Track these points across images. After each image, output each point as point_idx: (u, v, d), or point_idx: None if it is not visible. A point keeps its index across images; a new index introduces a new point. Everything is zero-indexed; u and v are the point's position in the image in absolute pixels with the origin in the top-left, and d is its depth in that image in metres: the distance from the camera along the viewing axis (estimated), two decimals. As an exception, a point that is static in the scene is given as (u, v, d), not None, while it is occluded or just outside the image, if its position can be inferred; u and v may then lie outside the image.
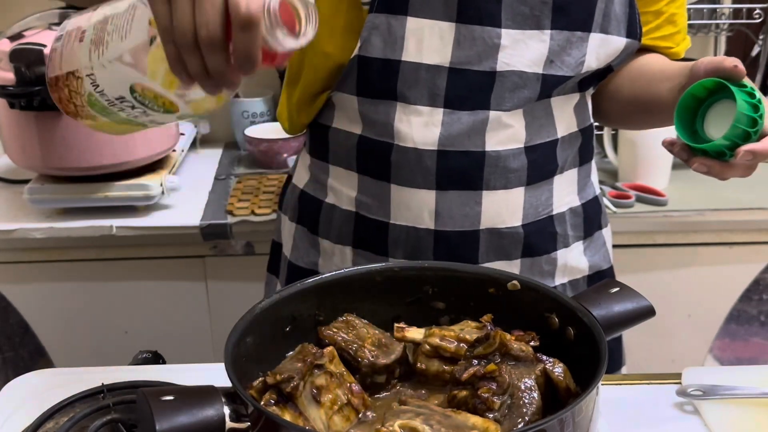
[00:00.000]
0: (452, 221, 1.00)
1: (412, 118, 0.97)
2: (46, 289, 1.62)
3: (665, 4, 1.06)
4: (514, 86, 0.97)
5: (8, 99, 1.47)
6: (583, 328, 0.73)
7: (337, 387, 0.71)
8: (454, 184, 0.99)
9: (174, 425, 0.59)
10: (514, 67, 0.96)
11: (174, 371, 0.96)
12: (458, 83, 0.96)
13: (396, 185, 1.00)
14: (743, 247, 1.68)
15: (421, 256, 1.01)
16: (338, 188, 1.06)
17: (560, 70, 0.98)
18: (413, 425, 0.63)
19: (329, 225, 1.07)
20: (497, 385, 0.69)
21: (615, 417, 0.88)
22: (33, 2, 1.63)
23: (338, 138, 1.04)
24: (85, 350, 1.66)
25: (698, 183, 1.76)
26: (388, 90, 0.98)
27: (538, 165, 1.02)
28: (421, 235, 1.01)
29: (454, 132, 0.97)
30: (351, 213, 1.05)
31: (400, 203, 1.01)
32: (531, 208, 1.03)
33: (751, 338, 1.78)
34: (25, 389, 0.95)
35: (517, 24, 0.95)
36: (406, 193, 1.00)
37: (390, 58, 0.96)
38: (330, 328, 0.78)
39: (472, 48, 0.95)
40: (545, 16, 0.95)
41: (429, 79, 0.96)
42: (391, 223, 1.02)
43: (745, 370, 1.04)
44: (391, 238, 1.02)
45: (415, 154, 0.98)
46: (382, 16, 0.95)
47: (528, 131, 1.00)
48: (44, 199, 1.57)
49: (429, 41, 0.95)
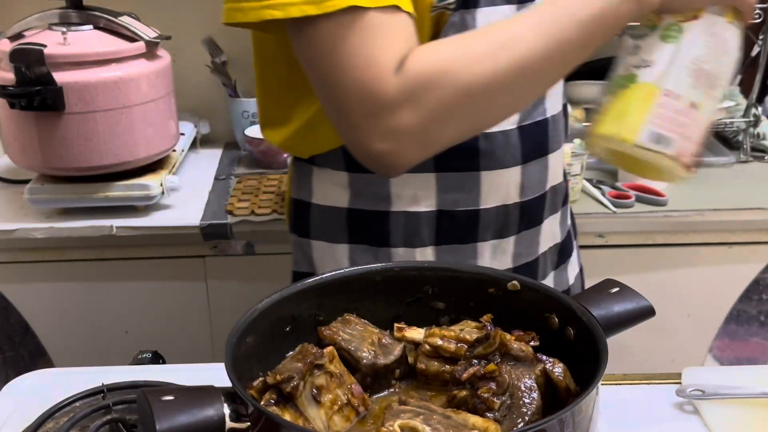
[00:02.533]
0: (532, 190, 1.07)
1: None
2: (46, 289, 1.62)
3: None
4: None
5: (8, 99, 1.47)
6: (583, 328, 0.73)
7: (337, 387, 0.71)
8: (534, 154, 1.06)
9: (174, 425, 0.59)
10: None
11: (174, 371, 0.96)
12: None
13: (486, 171, 1.04)
14: (743, 247, 1.68)
15: (507, 232, 1.08)
16: (409, 194, 1.04)
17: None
18: (413, 425, 0.63)
19: (404, 232, 1.06)
20: (497, 385, 0.69)
21: (615, 417, 0.88)
22: (33, 2, 1.63)
23: None
24: (85, 350, 1.66)
25: (698, 183, 1.76)
26: None
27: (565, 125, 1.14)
28: (510, 211, 1.07)
29: (528, 106, 1.04)
30: (432, 213, 1.05)
31: (490, 186, 1.05)
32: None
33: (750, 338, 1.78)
34: (25, 389, 0.95)
35: None
36: (495, 175, 1.04)
37: None
38: (330, 328, 0.78)
39: None
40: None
41: None
42: (482, 209, 1.05)
43: (745, 370, 1.04)
44: (482, 224, 1.06)
45: (502, 136, 1.03)
46: (457, 14, 0.97)
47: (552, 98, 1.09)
48: (44, 199, 1.57)
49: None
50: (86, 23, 1.55)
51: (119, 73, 1.51)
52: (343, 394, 0.71)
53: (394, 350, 0.78)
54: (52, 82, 1.45)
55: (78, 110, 1.48)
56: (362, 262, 1.09)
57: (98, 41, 1.53)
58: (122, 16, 1.58)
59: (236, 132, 1.95)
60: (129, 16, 1.60)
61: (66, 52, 1.48)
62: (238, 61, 1.98)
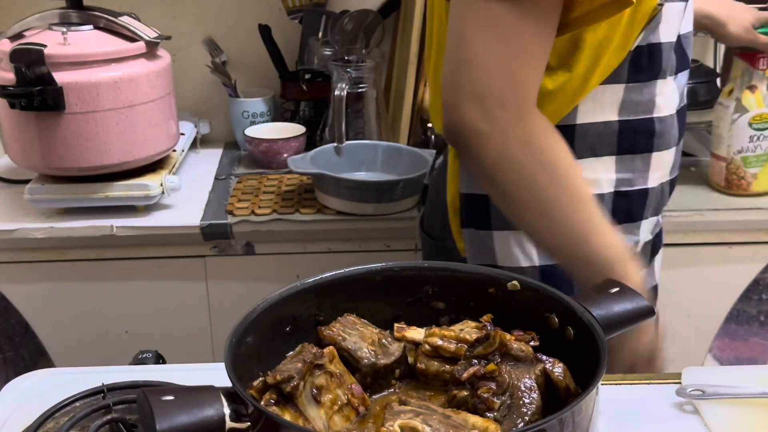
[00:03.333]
0: (677, 168, 1.17)
1: (665, 90, 1.08)
2: (46, 289, 1.62)
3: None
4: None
5: (8, 99, 1.47)
6: (583, 328, 0.73)
7: (338, 387, 0.71)
8: (681, 135, 1.15)
9: (174, 425, 0.59)
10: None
11: (174, 371, 0.96)
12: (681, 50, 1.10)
13: (657, 152, 1.11)
14: (743, 247, 1.68)
15: (661, 209, 1.18)
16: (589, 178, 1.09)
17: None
18: (413, 425, 0.63)
19: None
20: (497, 385, 0.69)
21: (615, 417, 0.88)
22: (33, 2, 1.63)
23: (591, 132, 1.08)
24: (85, 350, 1.66)
25: (698, 183, 1.76)
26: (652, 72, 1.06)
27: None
28: (664, 189, 1.16)
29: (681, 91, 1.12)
30: (609, 195, 1.11)
31: (658, 165, 1.12)
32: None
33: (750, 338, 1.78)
34: (25, 389, 0.95)
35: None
36: (663, 155, 1.12)
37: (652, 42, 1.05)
38: (330, 328, 0.78)
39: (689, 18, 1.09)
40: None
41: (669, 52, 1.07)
42: (650, 188, 1.12)
43: (745, 370, 1.04)
44: (648, 201, 1.13)
45: (670, 119, 1.11)
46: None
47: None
48: (44, 199, 1.57)
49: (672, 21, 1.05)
50: (86, 23, 1.56)
51: (119, 73, 1.51)
52: (343, 394, 0.71)
53: (394, 350, 0.78)
54: (52, 82, 1.45)
55: (78, 110, 1.49)
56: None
57: (98, 41, 1.54)
58: (122, 16, 1.58)
59: (236, 132, 1.95)
60: (129, 16, 1.60)
61: (66, 52, 1.48)
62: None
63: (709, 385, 0.92)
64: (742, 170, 1.68)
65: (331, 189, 1.59)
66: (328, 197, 1.60)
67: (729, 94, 1.67)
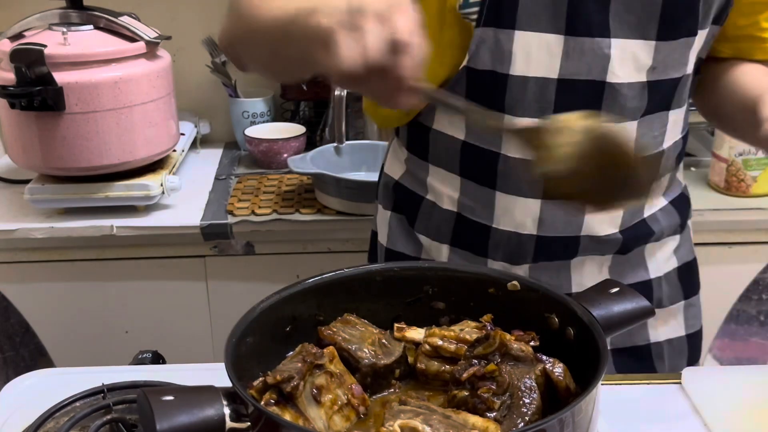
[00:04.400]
0: (554, 228, 1.03)
1: None
2: (46, 289, 1.62)
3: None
4: (623, 98, 0.97)
5: (8, 99, 1.47)
6: (583, 328, 0.73)
7: (338, 387, 0.71)
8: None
9: (174, 425, 0.59)
10: (622, 77, 0.96)
11: (174, 371, 0.96)
12: (567, 96, 0.97)
13: (501, 193, 1.02)
14: (743, 247, 1.68)
15: (520, 260, 1.05)
16: (439, 188, 1.08)
17: (664, 75, 0.99)
18: (413, 425, 0.63)
19: (428, 222, 1.10)
20: (497, 385, 0.69)
21: (615, 417, 0.88)
22: (33, 2, 1.63)
23: (440, 141, 1.06)
24: (85, 350, 1.66)
25: (698, 183, 1.76)
26: (496, 102, 0.98)
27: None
28: (523, 240, 1.04)
29: None
30: (452, 213, 1.07)
31: (505, 210, 1.03)
32: (628, 215, 1.06)
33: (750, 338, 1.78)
34: (25, 389, 0.95)
35: (624, 33, 0.95)
36: (511, 200, 1.02)
37: (498, 72, 0.97)
38: (330, 328, 0.78)
39: (582, 59, 0.95)
40: (652, 26, 0.95)
41: (537, 92, 0.97)
42: (494, 227, 1.04)
43: (745, 370, 1.04)
44: (492, 242, 1.05)
45: (522, 164, 0.98)
46: (489, 30, 0.95)
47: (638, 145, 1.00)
48: (45, 199, 1.57)
49: (537, 54, 0.95)
50: (86, 23, 1.56)
51: (119, 73, 1.51)
52: (343, 394, 0.71)
53: (395, 350, 0.78)
54: (52, 82, 1.45)
55: (78, 110, 1.48)
56: (397, 232, 1.15)
57: (98, 41, 1.54)
58: (122, 16, 1.58)
59: (236, 132, 1.95)
60: (129, 16, 1.60)
61: (66, 52, 1.48)
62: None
63: (709, 385, 0.92)
64: (743, 172, 1.68)
65: (331, 189, 1.59)
66: (328, 197, 1.60)
67: (731, 94, 1.67)
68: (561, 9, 0.94)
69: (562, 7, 0.94)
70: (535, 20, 0.94)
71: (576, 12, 0.94)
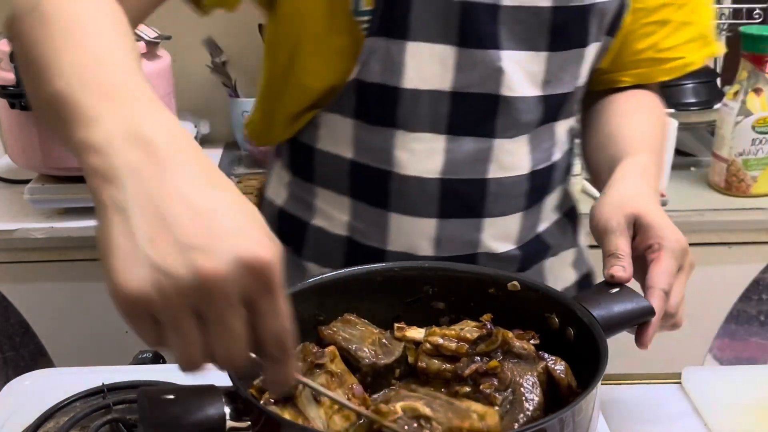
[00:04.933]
0: (451, 247, 0.98)
1: (413, 145, 0.94)
2: (46, 289, 1.62)
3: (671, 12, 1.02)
4: (517, 111, 0.94)
5: (8, 99, 1.47)
6: (583, 328, 0.73)
7: (338, 386, 0.71)
8: (457, 212, 0.97)
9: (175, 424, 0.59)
10: (516, 91, 0.93)
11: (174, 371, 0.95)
12: (461, 109, 0.93)
13: (395, 213, 0.97)
14: (743, 247, 1.68)
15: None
16: (328, 211, 1.02)
17: (558, 89, 0.96)
18: (414, 406, 0.63)
19: (317, 249, 1.04)
20: (499, 381, 0.69)
21: (615, 417, 0.88)
22: (33, 2, 1.63)
23: (326, 161, 1.00)
24: (85, 350, 1.66)
25: (698, 183, 1.76)
26: (387, 116, 0.94)
27: (536, 189, 1.01)
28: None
29: (458, 159, 0.94)
30: (343, 238, 1.01)
31: (399, 230, 0.98)
32: (524, 231, 1.02)
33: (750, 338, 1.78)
34: (25, 389, 0.95)
35: (516, 45, 0.92)
36: (405, 221, 0.97)
37: (389, 84, 0.92)
38: (330, 328, 0.78)
39: (474, 72, 0.92)
40: (542, 37, 0.93)
41: (430, 106, 0.93)
42: (389, 250, 0.99)
43: (745, 370, 1.04)
44: None
45: (417, 182, 0.95)
46: (380, 40, 0.91)
47: (532, 157, 0.98)
48: (44, 199, 1.57)
49: (429, 66, 0.91)
50: (86, 23, 1.55)
51: (119, 73, 1.51)
52: (344, 394, 0.71)
53: (395, 350, 0.78)
54: (52, 82, 1.45)
55: (78, 110, 1.48)
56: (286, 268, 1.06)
57: (98, 41, 1.53)
58: (122, 16, 1.58)
59: (236, 132, 1.95)
60: (129, 16, 1.59)
61: (66, 52, 1.48)
62: (238, 61, 1.98)
63: (709, 385, 0.92)
64: (743, 173, 1.68)
65: (331, 189, 1.59)
66: (328, 197, 1.60)
67: (734, 95, 1.67)
68: (452, 20, 0.89)
69: (453, 18, 0.89)
70: (427, 31, 0.90)
71: (467, 23, 0.90)
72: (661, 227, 0.81)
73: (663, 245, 0.79)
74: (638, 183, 0.88)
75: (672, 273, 0.78)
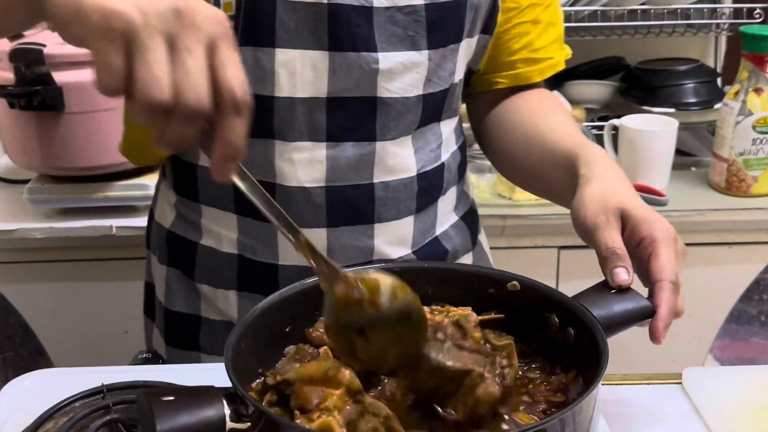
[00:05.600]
0: (344, 256, 0.96)
1: (293, 155, 0.92)
2: (46, 289, 1.62)
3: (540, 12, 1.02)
4: (397, 113, 0.93)
5: (8, 99, 1.47)
6: (583, 328, 0.73)
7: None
8: (346, 219, 0.96)
9: (175, 425, 0.59)
10: (395, 92, 0.92)
11: (174, 371, 0.96)
12: (339, 115, 0.92)
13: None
14: (743, 247, 1.68)
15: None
16: (215, 230, 1.00)
17: (437, 86, 0.96)
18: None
19: (208, 269, 1.02)
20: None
21: (615, 417, 0.88)
22: (33, 2, 1.63)
23: (209, 177, 0.96)
24: (85, 350, 1.66)
25: (698, 183, 1.76)
26: (262, 128, 0.92)
27: (427, 191, 1.00)
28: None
29: (341, 166, 0.93)
30: (233, 256, 0.99)
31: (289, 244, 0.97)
32: (419, 234, 1.01)
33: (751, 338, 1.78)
34: (25, 389, 0.95)
35: (393, 46, 0.91)
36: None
37: (261, 94, 0.90)
38: (317, 330, 0.77)
39: (350, 76, 0.90)
40: (420, 35, 0.91)
41: (307, 114, 0.91)
42: (281, 264, 0.97)
43: (745, 370, 1.04)
44: (281, 279, 0.97)
45: (301, 192, 0.93)
46: (247, 50, 0.88)
47: (418, 158, 0.97)
48: (44, 199, 1.57)
49: (302, 73, 0.89)
50: (86, 23, 1.55)
51: (119, 73, 1.51)
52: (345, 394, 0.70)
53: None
54: (51, 82, 1.45)
55: (78, 110, 1.48)
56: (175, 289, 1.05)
57: (98, 41, 1.53)
58: (122, 16, 1.58)
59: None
60: (129, 16, 1.60)
61: (66, 52, 1.48)
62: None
63: (709, 385, 0.92)
64: (743, 172, 1.68)
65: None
66: (328, 197, 1.60)
67: (735, 95, 1.67)
68: (322, 24, 0.88)
69: (322, 23, 0.88)
70: (296, 37, 0.88)
71: (337, 27, 0.88)
72: (649, 220, 0.80)
73: (656, 237, 0.78)
74: (613, 176, 0.87)
75: (673, 261, 0.78)
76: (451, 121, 1.03)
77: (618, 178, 0.87)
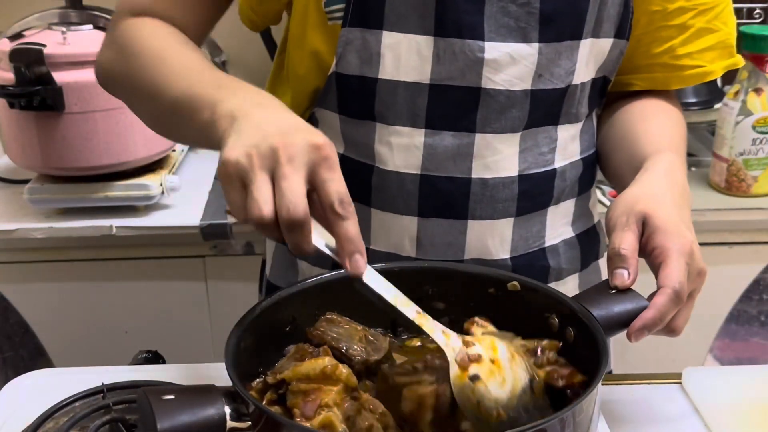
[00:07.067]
0: (434, 250, 0.95)
1: (392, 139, 0.92)
2: (46, 289, 1.62)
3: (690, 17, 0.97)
4: (501, 106, 0.91)
5: (8, 99, 1.47)
6: (583, 328, 0.73)
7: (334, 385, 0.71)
8: (437, 211, 0.94)
9: (175, 424, 0.59)
10: (500, 83, 0.90)
11: (174, 371, 0.96)
12: (440, 102, 0.91)
13: (376, 209, 0.95)
14: (743, 247, 1.68)
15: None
16: None
17: (549, 83, 0.92)
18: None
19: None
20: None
21: (615, 417, 0.88)
22: (33, 2, 1.63)
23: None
24: (85, 350, 1.66)
25: (698, 183, 1.76)
26: (366, 110, 0.93)
27: (530, 196, 0.96)
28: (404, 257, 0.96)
29: (438, 155, 0.92)
30: None
31: (381, 228, 0.96)
32: (521, 240, 0.97)
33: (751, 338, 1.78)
34: (25, 389, 0.95)
35: (502, 37, 0.88)
36: (386, 218, 0.95)
37: (366, 76, 0.91)
38: (317, 328, 0.77)
39: (454, 63, 0.89)
40: (532, 27, 0.89)
41: (408, 98, 0.91)
42: (371, 248, 0.96)
43: (745, 370, 1.04)
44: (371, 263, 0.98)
45: (396, 177, 0.93)
46: (356, 31, 0.89)
47: (522, 159, 0.94)
48: (44, 199, 1.57)
49: (407, 57, 0.89)
50: (86, 23, 1.55)
51: (119, 73, 1.51)
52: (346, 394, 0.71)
53: (382, 346, 0.78)
54: (51, 82, 1.45)
55: (78, 110, 1.48)
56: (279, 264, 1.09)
57: (98, 41, 1.52)
58: (122, 16, 1.58)
59: (236, 132, 1.95)
60: (129, 16, 1.60)
61: (66, 52, 1.48)
62: (238, 61, 1.98)
63: (709, 385, 0.92)
64: (743, 172, 1.68)
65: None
66: (328, 197, 1.60)
67: (734, 95, 1.67)
68: (429, 8, 0.87)
69: (430, 7, 0.87)
70: (403, 20, 0.88)
71: (444, 12, 0.87)
72: (667, 230, 0.80)
73: (668, 246, 0.79)
74: (658, 182, 0.87)
75: (681, 271, 0.78)
76: (571, 127, 0.98)
77: (664, 185, 0.86)
